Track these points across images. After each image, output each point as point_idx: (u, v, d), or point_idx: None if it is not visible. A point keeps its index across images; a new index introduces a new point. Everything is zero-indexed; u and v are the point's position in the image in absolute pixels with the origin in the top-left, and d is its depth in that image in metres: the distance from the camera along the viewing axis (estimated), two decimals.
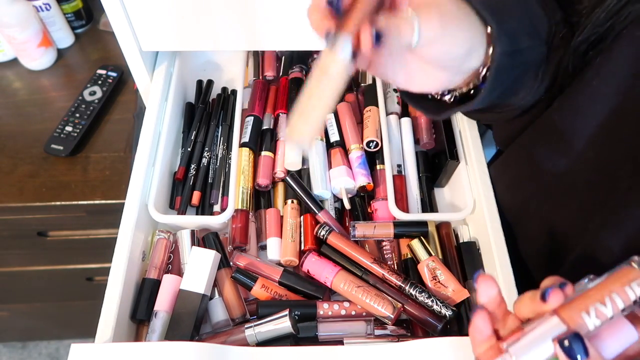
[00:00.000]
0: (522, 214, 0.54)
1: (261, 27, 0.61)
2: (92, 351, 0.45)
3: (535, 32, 0.42)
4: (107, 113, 0.86)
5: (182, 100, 0.73)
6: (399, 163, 0.66)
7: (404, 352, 0.47)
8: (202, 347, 0.46)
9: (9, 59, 0.92)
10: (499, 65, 0.39)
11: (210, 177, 0.66)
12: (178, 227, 0.61)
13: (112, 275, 0.52)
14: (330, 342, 0.53)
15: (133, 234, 0.54)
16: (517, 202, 0.55)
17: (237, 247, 0.60)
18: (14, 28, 0.84)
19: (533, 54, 0.42)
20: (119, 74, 0.89)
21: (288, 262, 0.59)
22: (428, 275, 0.56)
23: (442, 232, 0.62)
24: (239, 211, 0.61)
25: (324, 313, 0.54)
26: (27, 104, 0.87)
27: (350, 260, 0.58)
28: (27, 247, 0.95)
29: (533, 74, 0.44)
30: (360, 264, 0.57)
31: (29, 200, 0.77)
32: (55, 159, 0.81)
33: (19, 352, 1.47)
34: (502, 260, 0.54)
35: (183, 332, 0.51)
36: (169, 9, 0.58)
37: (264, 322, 0.51)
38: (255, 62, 0.76)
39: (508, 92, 0.44)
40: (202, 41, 0.63)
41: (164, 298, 0.54)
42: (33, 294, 1.16)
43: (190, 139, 0.68)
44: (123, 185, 0.77)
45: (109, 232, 0.90)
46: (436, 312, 0.53)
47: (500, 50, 0.39)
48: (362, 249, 0.59)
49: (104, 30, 0.98)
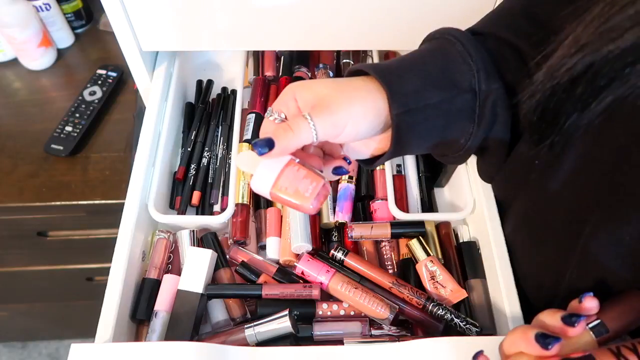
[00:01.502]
0: (510, 245, 0.55)
1: (261, 27, 0.61)
2: (92, 351, 0.46)
3: (451, 83, 0.43)
4: (107, 113, 0.86)
5: (182, 100, 0.74)
6: (399, 163, 0.66)
7: (404, 352, 0.47)
8: (201, 347, 0.46)
9: (9, 59, 0.92)
10: (398, 124, 0.41)
11: (210, 177, 0.66)
12: (178, 227, 0.61)
13: (112, 275, 0.52)
14: (331, 342, 0.53)
15: (133, 234, 0.54)
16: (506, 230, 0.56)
17: (238, 242, 0.60)
18: (14, 28, 0.84)
19: (455, 104, 0.43)
20: (119, 74, 0.89)
21: (287, 262, 0.59)
22: (426, 275, 0.56)
23: (441, 232, 0.62)
24: (240, 205, 0.61)
25: (323, 313, 0.54)
26: (27, 104, 0.87)
27: (369, 281, 0.57)
28: (27, 247, 0.95)
29: (466, 120, 0.44)
30: (380, 284, 0.56)
31: (29, 200, 0.77)
32: (55, 159, 0.81)
33: (19, 352, 1.47)
34: (502, 260, 0.54)
35: (183, 332, 0.51)
36: (169, 9, 0.58)
37: (264, 322, 0.52)
38: (255, 62, 0.76)
39: (443, 138, 0.45)
40: (202, 41, 0.63)
41: (164, 298, 0.54)
42: (33, 294, 1.16)
43: (190, 138, 0.68)
44: (123, 185, 0.77)
45: (109, 232, 0.90)
46: (460, 331, 0.53)
47: (396, 111, 0.41)
48: (381, 269, 0.57)
49: (104, 30, 0.98)
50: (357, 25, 0.61)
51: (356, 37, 0.63)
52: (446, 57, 0.44)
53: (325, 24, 0.60)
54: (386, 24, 0.61)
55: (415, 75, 0.42)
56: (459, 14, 0.58)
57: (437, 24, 0.63)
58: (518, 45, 0.45)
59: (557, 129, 0.40)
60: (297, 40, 0.63)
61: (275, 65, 0.76)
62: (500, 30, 0.47)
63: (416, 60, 0.44)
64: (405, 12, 0.59)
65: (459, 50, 0.43)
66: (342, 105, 0.40)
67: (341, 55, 0.77)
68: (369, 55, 0.76)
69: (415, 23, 0.60)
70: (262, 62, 0.76)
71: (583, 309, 0.37)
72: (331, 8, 0.58)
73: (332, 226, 0.62)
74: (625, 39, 0.32)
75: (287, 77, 0.74)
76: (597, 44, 0.34)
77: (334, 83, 0.42)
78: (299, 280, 0.57)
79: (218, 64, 0.78)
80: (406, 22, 0.60)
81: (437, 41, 0.46)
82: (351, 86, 0.42)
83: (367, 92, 0.42)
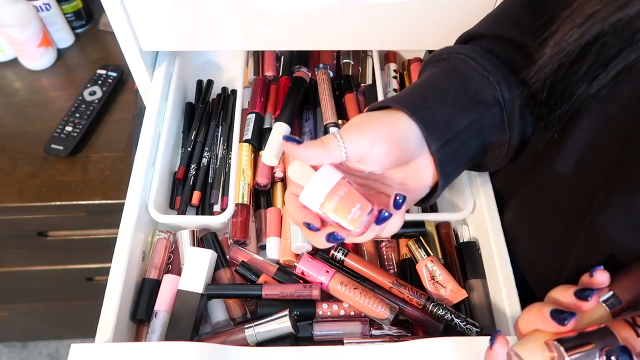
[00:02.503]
0: (512, 233, 0.55)
1: (261, 27, 0.61)
2: (92, 351, 0.45)
3: (477, 102, 0.43)
4: (107, 113, 0.86)
5: (182, 100, 0.74)
6: None
7: (404, 352, 0.47)
8: (202, 347, 0.46)
9: (9, 59, 0.92)
10: (440, 158, 0.42)
11: (211, 177, 0.66)
12: (178, 227, 0.61)
13: (112, 275, 0.52)
14: (331, 342, 0.53)
15: (133, 234, 0.54)
16: (507, 220, 0.56)
17: (238, 242, 0.60)
18: (14, 28, 0.84)
19: (485, 120, 0.44)
20: (119, 74, 0.89)
21: (287, 262, 0.59)
22: (426, 275, 0.56)
23: (442, 232, 0.62)
24: (240, 205, 0.61)
25: (323, 313, 0.54)
26: (27, 104, 0.87)
27: (369, 281, 0.56)
28: (27, 247, 0.95)
29: (499, 131, 0.45)
30: (380, 284, 0.56)
31: (29, 200, 0.77)
32: (55, 159, 0.81)
33: (19, 352, 1.47)
34: (502, 260, 0.54)
35: (183, 333, 0.51)
36: (169, 9, 0.58)
37: (264, 322, 0.52)
38: (255, 62, 0.76)
39: (480, 156, 0.46)
40: (202, 41, 0.63)
41: (164, 298, 0.54)
42: (33, 294, 1.16)
43: (190, 139, 0.68)
44: (123, 185, 0.77)
45: (109, 232, 0.90)
46: (460, 331, 0.53)
47: (435, 146, 0.42)
48: (381, 269, 0.57)
49: (104, 30, 0.98)
50: (357, 25, 0.61)
51: (356, 37, 0.63)
52: (464, 77, 0.44)
53: (325, 24, 0.60)
54: (386, 24, 0.61)
55: (442, 104, 0.43)
56: (459, 14, 0.58)
57: (437, 24, 0.63)
58: (525, 43, 0.45)
59: (566, 100, 0.40)
60: (297, 40, 0.63)
61: (275, 65, 0.76)
62: (504, 31, 0.47)
63: (437, 87, 0.44)
64: (405, 12, 0.59)
65: (474, 67, 0.44)
66: (370, 126, 0.41)
67: (341, 55, 0.77)
68: (369, 55, 0.76)
69: (416, 23, 0.60)
70: (262, 62, 0.76)
71: (595, 283, 0.37)
72: (331, 8, 0.58)
73: None
74: (633, 5, 0.32)
75: (287, 77, 0.74)
76: (604, 12, 0.34)
77: (366, 114, 0.43)
78: (299, 281, 0.57)
79: (218, 64, 0.78)
80: (406, 22, 0.60)
81: (447, 62, 0.46)
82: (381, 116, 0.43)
83: (396, 118, 0.42)
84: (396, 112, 0.43)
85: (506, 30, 0.47)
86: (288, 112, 0.67)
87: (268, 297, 0.54)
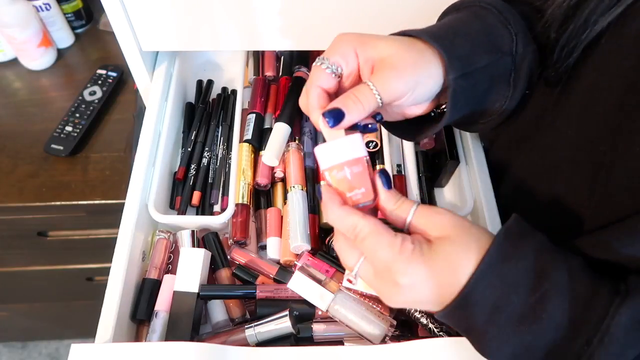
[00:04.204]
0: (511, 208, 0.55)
1: (261, 27, 0.61)
2: (92, 351, 0.45)
3: (495, 47, 0.44)
4: (107, 113, 0.86)
5: (182, 100, 0.73)
6: (399, 163, 0.66)
7: (404, 352, 0.47)
8: (202, 347, 0.46)
9: (9, 59, 0.92)
10: (455, 89, 0.42)
11: (211, 177, 0.66)
12: (178, 227, 0.61)
13: (112, 275, 0.52)
14: (331, 343, 0.53)
15: (133, 234, 0.54)
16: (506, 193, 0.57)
17: (238, 242, 0.60)
18: (14, 28, 0.84)
19: (498, 67, 0.44)
20: (119, 74, 0.89)
21: (288, 261, 0.59)
22: None
23: None
24: (240, 206, 0.61)
25: (323, 313, 0.54)
26: (27, 104, 0.87)
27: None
28: (27, 247, 0.95)
29: (504, 83, 0.46)
30: None
31: (29, 200, 0.77)
32: (55, 159, 0.81)
33: (19, 352, 1.47)
34: None
35: (182, 333, 0.51)
36: (169, 9, 0.58)
37: (264, 322, 0.51)
38: (255, 62, 0.76)
39: (482, 103, 0.46)
40: (202, 41, 0.63)
41: (164, 298, 0.54)
42: (33, 294, 1.16)
43: (191, 139, 0.68)
44: (123, 185, 0.77)
45: (109, 232, 0.90)
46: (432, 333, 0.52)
47: (453, 75, 0.41)
48: None
49: (104, 30, 0.98)
50: (357, 25, 0.61)
51: None
52: (485, 22, 0.45)
53: (325, 24, 0.60)
54: (386, 24, 0.61)
55: (464, 40, 0.43)
56: None
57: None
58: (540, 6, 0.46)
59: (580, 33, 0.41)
60: (297, 40, 0.63)
61: (275, 65, 0.76)
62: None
63: (459, 26, 0.45)
64: (405, 13, 0.59)
65: (495, 14, 0.45)
66: (408, 68, 0.39)
67: None
68: None
69: (416, 23, 0.60)
70: (262, 62, 0.76)
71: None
72: (331, 8, 0.58)
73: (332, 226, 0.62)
74: None
75: (287, 77, 0.74)
76: None
77: (397, 42, 0.41)
78: None
79: (218, 64, 0.78)
80: (406, 23, 0.60)
81: (470, 9, 0.47)
82: (415, 48, 0.41)
83: (432, 56, 0.41)
84: (419, 42, 0.42)
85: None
86: (288, 112, 0.67)
87: (262, 297, 0.54)
